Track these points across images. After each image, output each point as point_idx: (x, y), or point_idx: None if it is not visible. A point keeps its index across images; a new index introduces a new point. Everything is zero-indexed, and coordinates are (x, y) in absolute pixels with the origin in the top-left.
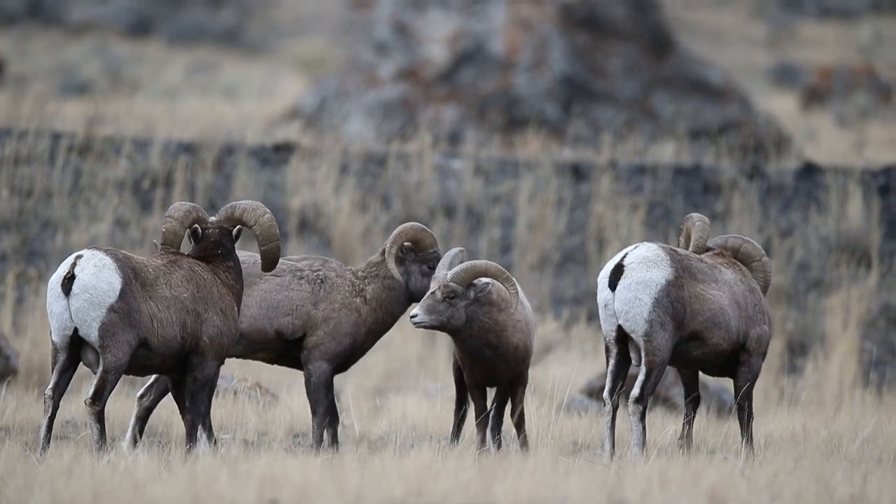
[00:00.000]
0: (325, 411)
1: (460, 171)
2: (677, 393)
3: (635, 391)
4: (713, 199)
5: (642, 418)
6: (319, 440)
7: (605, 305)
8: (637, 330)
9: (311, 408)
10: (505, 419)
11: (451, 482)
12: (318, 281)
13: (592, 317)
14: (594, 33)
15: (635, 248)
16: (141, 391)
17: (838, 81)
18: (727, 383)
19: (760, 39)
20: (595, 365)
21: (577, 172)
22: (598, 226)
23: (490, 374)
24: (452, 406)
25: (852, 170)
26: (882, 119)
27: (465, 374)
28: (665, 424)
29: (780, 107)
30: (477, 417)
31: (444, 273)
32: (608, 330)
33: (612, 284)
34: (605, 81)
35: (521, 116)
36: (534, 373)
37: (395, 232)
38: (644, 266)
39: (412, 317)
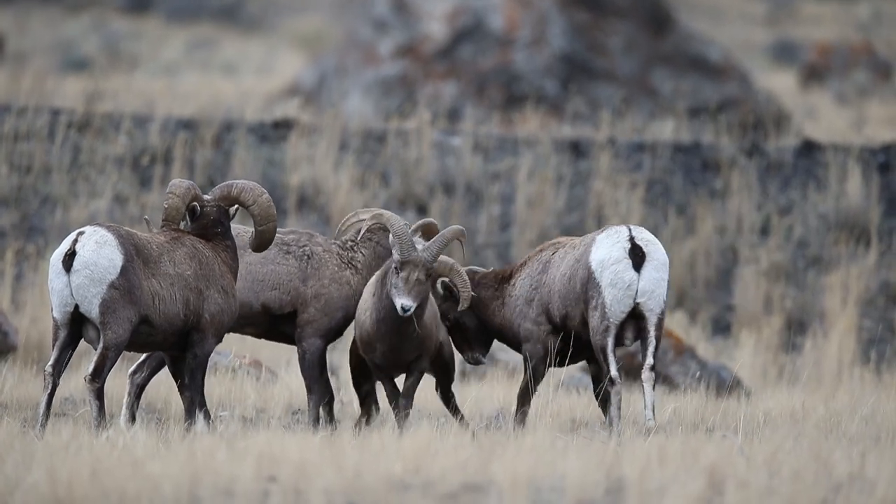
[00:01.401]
0: (322, 388)
1: (459, 148)
2: (677, 371)
3: (650, 360)
4: (712, 176)
5: (654, 386)
6: (317, 418)
7: (629, 286)
8: (655, 308)
9: (307, 385)
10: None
11: (450, 460)
12: (306, 257)
13: None
14: (593, 10)
15: (630, 229)
16: (133, 368)
17: (837, 59)
18: (727, 361)
19: (760, 17)
20: None
21: (577, 150)
22: (598, 203)
23: (396, 355)
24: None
25: (851, 147)
26: (881, 97)
27: (372, 359)
28: (665, 403)
29: (780, 84)
30: (390, 401)
31: (420, 254)
32: (622, 311)
33: (637, 266)
34: (605, 59)
35: (521, 93)
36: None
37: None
38: (659, 247)
39: (405, 310)
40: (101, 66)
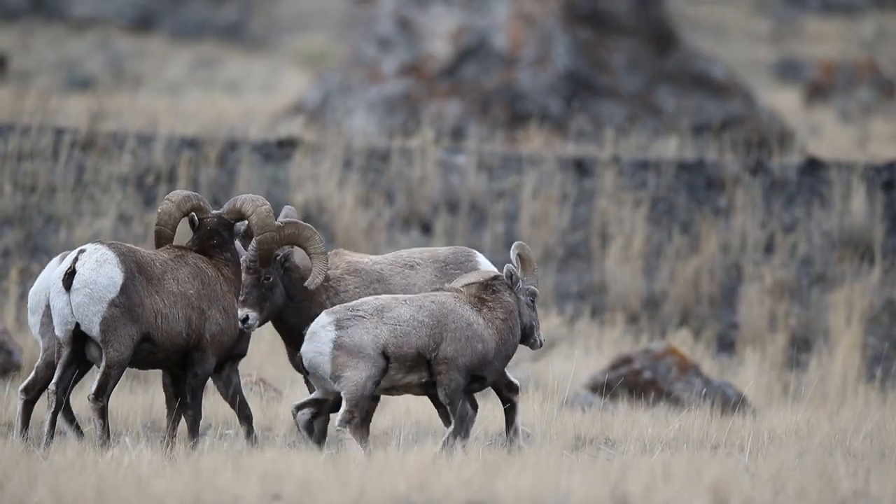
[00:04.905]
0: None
1: (464, 166)
2: (681, 389)
3: None
4: (716, 194)
5: None
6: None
7: None
8: None
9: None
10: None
11: (454, 477)
12: None
13: (595, 312)
14: (597, 28)
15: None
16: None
17: (841, 77)
18: (732, 378)
19: (764, 34)
20: (598, 360)
21: (581, 168)
22: (602, 221)
23: None
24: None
25: (855, 165)
26: (885, 114)
27: None
28: (669, 419)
29: (784, 102)
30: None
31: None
32: None
33: None
34: (609, 76)
35: (525, 112)
36: (537, 367)
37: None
38: None
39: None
40: (105, 85)
